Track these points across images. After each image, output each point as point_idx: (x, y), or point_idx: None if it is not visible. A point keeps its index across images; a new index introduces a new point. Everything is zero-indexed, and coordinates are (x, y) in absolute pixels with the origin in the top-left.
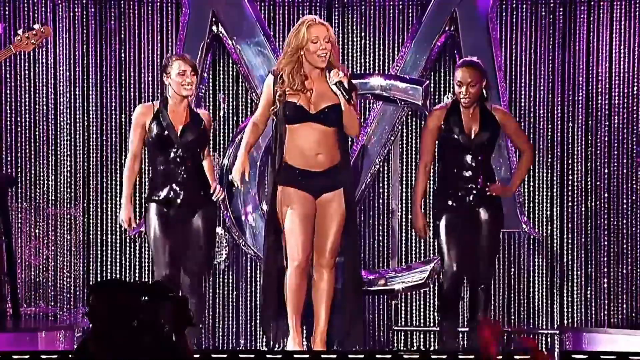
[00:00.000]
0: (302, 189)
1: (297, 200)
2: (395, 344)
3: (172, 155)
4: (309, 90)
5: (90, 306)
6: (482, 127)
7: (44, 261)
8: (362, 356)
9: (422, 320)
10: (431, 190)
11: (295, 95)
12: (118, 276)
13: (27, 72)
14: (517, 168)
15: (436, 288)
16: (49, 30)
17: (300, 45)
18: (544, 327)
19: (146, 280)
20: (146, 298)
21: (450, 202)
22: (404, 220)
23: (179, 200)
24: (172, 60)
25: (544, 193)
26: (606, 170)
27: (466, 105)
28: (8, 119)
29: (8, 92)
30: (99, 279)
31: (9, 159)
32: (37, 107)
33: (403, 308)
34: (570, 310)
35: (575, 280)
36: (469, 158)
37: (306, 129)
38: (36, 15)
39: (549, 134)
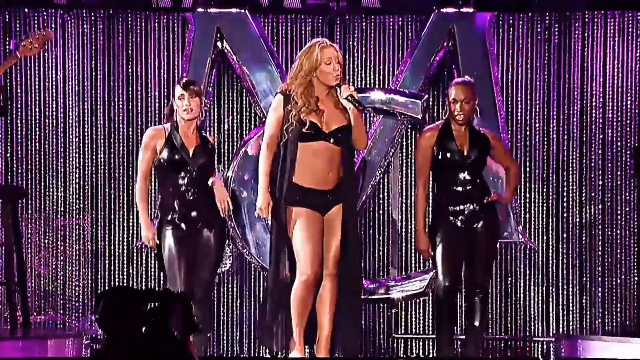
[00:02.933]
0: (311, 208)
1: (307, 220)
2: (395, 352)
3: (184, 177)
4: (322, 110)
5: (100, 314)
6: (472, 145)
7: (53, 270)
8: None
9: (421, 328)
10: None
11: (310, 114)
12: (125, 285)
13: (37, 86)
14: (509, 182)
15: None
16: (49, 33)
17: (314, 66)
18: (540, 334)
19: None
20: (155, 304)
21: (448, 219)
22: (404, 230)
23: (190, 221)
24: (175, 85)
25: (540, 204)
26: (600, 182)
27: (460, 122)
28: (19, 132)
29: (19, 106)
30: (106, 288)
31: (19, 171)
32: (46, 120)
33: (402, 316)
34: (565, 318)
35: (570, 289)
36: (463, 175)
37: (319, 148)
38: None
39: (545, 146)
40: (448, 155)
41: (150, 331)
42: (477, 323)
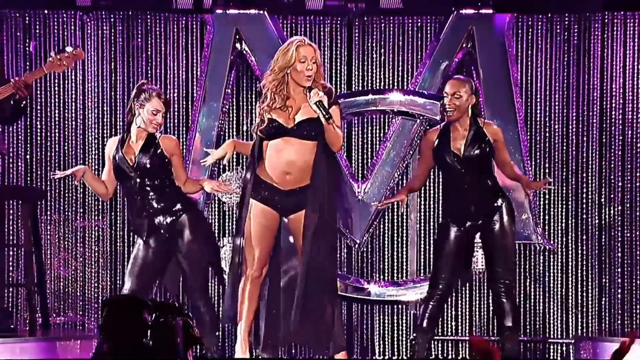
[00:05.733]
0: (266, 205)
1: (259, 214)
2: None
3: (132, 184)
4: (289, 107)
5: (103, 321)
6: (470, 144)
7: (73, 272)
8: None
9: (440, 330)
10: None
11: (273, 111)
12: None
13: (56, 88)
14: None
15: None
16: (81, 53)
17: (288, 64)
18: (559, 337)
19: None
20: (157, 315)
21: (450, 221)
22: (422, 232)
23: (155, 227)
24: (152, 95)
25: (559, 206)
26: (620, 184)
27: (450, 117)
28: (38, 134)
29: (38, 108)
30: (110, 296)
31: (39, 172)
32: (66, 122)
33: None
34: (584, 320)
35: (589, 291)
36: (461, 176)
37: (283, 145)
38: (66, 33)
39: (564, 148)
40: (444, 156)
41: (151, 342)
42: (509, 323)
